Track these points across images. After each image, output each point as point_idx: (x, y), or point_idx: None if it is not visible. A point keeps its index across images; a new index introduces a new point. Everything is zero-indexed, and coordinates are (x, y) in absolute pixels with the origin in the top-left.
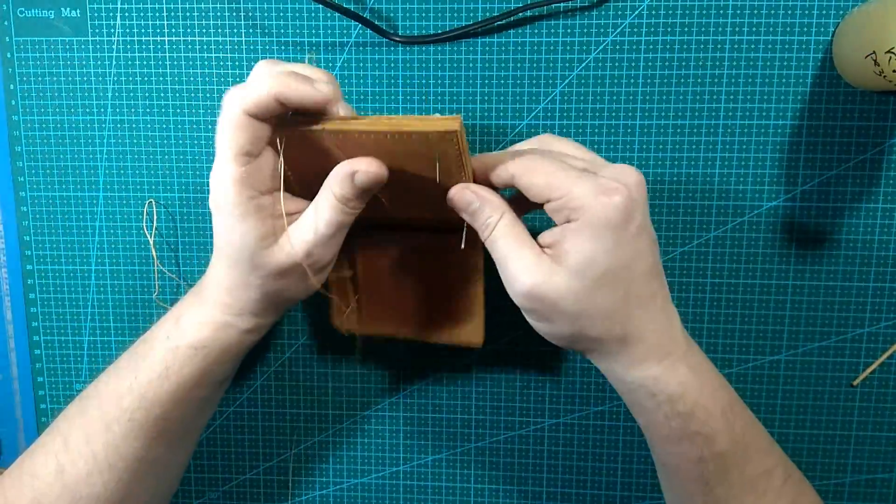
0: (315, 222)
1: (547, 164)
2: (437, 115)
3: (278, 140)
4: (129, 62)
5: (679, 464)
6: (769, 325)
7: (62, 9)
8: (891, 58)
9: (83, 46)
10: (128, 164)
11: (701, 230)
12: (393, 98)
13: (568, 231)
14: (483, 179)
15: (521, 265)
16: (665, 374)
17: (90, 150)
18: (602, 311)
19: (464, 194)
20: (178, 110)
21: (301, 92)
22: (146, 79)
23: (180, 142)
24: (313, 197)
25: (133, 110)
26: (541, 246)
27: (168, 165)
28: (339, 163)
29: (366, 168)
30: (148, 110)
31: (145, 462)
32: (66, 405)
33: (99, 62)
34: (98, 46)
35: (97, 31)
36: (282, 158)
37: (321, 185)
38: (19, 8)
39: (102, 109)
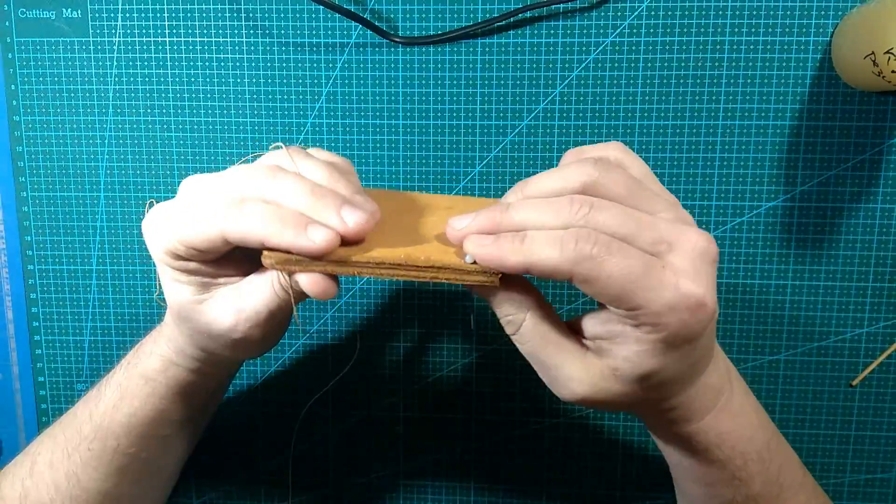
0: (251, 300)
1: (615, 265)
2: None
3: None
4: (130, 62)
5: (707, 501)
6: (768, 325)
7: (63, 9)
8: (889, 58)
9: (84, 47)
10: (128, 164)
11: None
12: (393, 99)
13: (630, 338)
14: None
15: (566, 374)
16: (705, 426)
17: (91, 150)
18: (658, 399)
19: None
20: (179, 110)
21: (287, 242)
22: (147, 79)
23: (181, 142)
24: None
25: (134, 110)
26: (582, 333)
27: (168, 165)
28: None
29: (312, 288)
30: (149, 110)
31: (110, 497)
32: (66, 405)
33: (100, 62)
34: (99, 47)
35: (98, 31)
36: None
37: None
38: (20, 9)
39: (103, 109)
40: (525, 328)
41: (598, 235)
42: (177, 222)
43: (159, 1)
